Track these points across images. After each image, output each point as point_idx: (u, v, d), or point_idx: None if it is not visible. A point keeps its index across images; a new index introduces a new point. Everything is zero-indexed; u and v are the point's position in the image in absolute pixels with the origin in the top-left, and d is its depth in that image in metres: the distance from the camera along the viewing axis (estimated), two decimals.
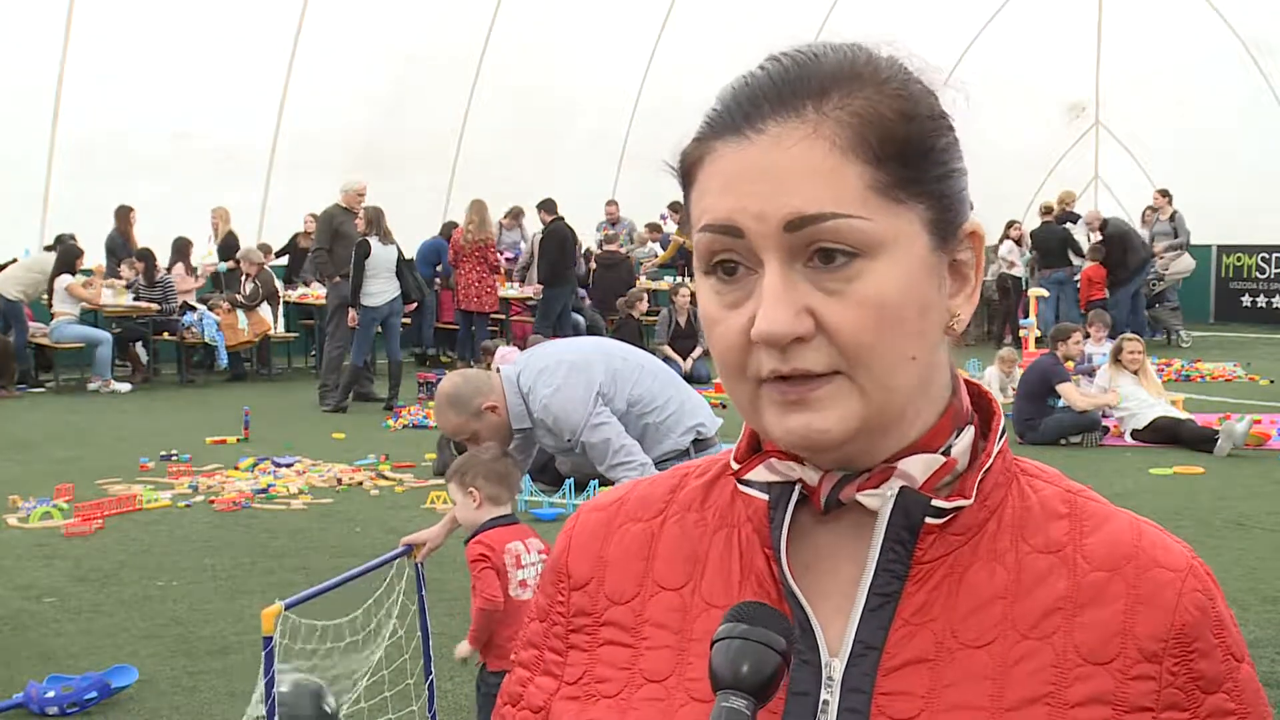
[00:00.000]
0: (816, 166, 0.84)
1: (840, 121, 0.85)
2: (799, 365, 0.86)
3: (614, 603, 0.99)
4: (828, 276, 0.85)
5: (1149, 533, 0.93)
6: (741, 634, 0.85)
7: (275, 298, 14.96)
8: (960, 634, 0.89)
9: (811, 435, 0.87)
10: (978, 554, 0.91)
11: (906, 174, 0.86)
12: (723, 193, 0.87)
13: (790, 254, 0.85)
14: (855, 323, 0.85)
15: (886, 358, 0.86)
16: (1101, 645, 0.88)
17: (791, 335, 0.85)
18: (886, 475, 0.91)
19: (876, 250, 0.85)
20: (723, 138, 0.87)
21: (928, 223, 0.88)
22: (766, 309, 0.85)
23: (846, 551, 0.93)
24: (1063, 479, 0.98)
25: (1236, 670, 0.91)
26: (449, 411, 4.27)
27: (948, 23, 19.27)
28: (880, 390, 0.87)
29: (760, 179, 0.85)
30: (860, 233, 0.84)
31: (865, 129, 0.85)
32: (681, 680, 0.93)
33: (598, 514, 1.05)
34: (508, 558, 3.75)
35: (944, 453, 0.92)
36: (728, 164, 0.87)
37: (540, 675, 1.01)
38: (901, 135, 0.86)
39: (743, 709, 0.83)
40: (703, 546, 0.98)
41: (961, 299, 0.92)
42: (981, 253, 0.93)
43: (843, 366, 0.86)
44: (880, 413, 0.88)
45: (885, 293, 0.85)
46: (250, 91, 15.67)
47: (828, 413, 0.87)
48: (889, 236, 0.85)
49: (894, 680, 0.88)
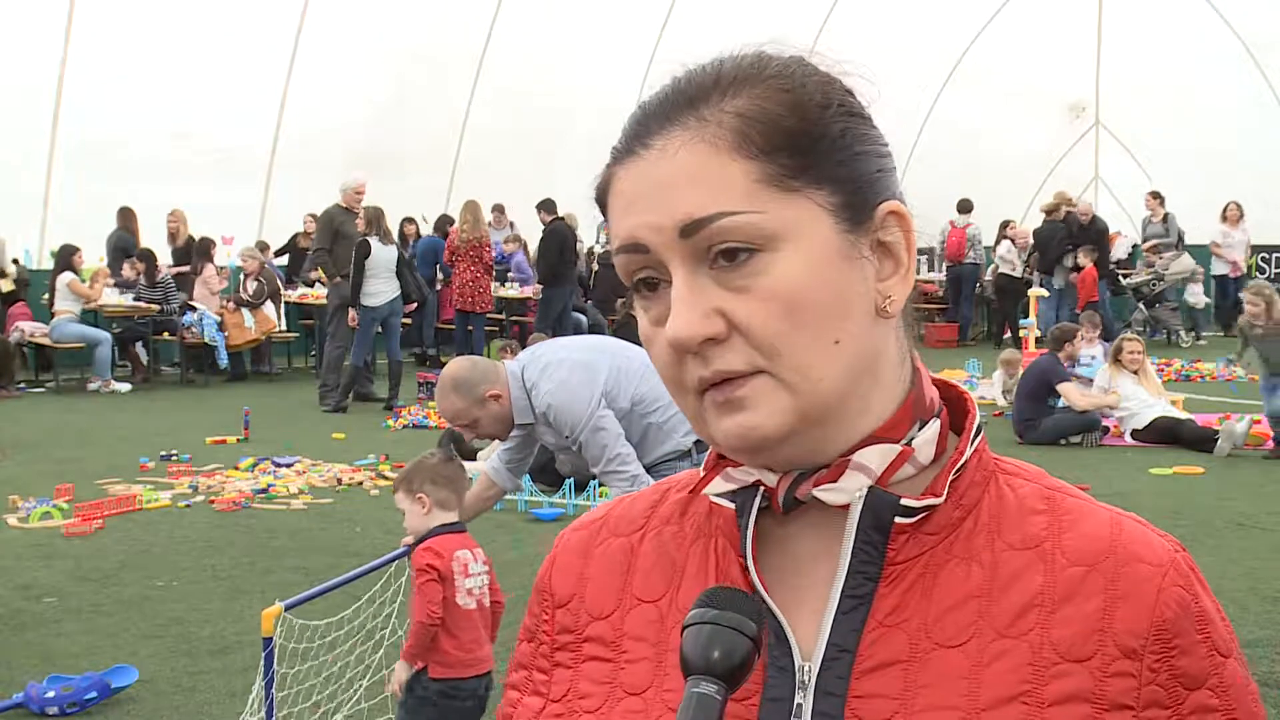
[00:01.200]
0: (700, 169, 0.85)
1: (721, 123, 0.86)
2: (719, 367, 0.86)
3: (595, 618, 0.99)
4: (732, 275, 0.85)
5: (1130, 527, 0.92)
6: (712, 619, 0.85)
7: (279, 296, 14.97)
8: (934, 634, 0.88)
9: (746, 434, 0.87)
10: (952, 553, 0.91)
11: (798, 162, 0.86)
12: (624, 213, 0.89)
13: (693, 259, 0.86)
14: (764, 316, 0.85)
15: (804, 346, 0.86)
16: (1079, 642, 0.87)
17: (700, 337, 0.85)
18: (843, 468, 0.90)
19: (775, 242, 0.85)
20: (621, 161, 0.90)
21: (832, 207, 0.87)
22: (674, 315, 0.86)
23: (820, 551, 0.93)
24: (1044, 476, 0.97)
25: (1221, 666, 0.89)
26: (452, 395, 4.26)
27: (948, 23, 19.27)
28: (804, 380, 0.86)
29: (651, 192, 0.87)
30: (753, 227, 0.85)
31: (748, 126, 0.86)
32: (659, 692, 0.93)
33: (580, 533, 1.05)
34: (455, 565, 3.71)
35: (904, 444, 0.91)
36: (625, 184, 0.89)
37: (529, 695, 1.01)
38: (788, 127, 0.86)
39: (713, 694, 0.82)
40: (680, 558, 0.98)
41: (895, 280, 0.91)
42: (910, 232, 0.91)
43: (762, 363, 0.86)
44: (812, 402, 0.87)
45: (790, 282, 0.85)
46: (250, 92, 15.67)
47: (757, 410, 0.86)
48: (785, 227, 0.85)
49: (868, 682, 0.88)
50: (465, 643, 3.70)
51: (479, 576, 3.76)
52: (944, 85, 19.77)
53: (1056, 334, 11.02)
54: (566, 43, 17.51)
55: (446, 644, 3.69)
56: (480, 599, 3.75)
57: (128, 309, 14.10)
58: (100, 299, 13.85)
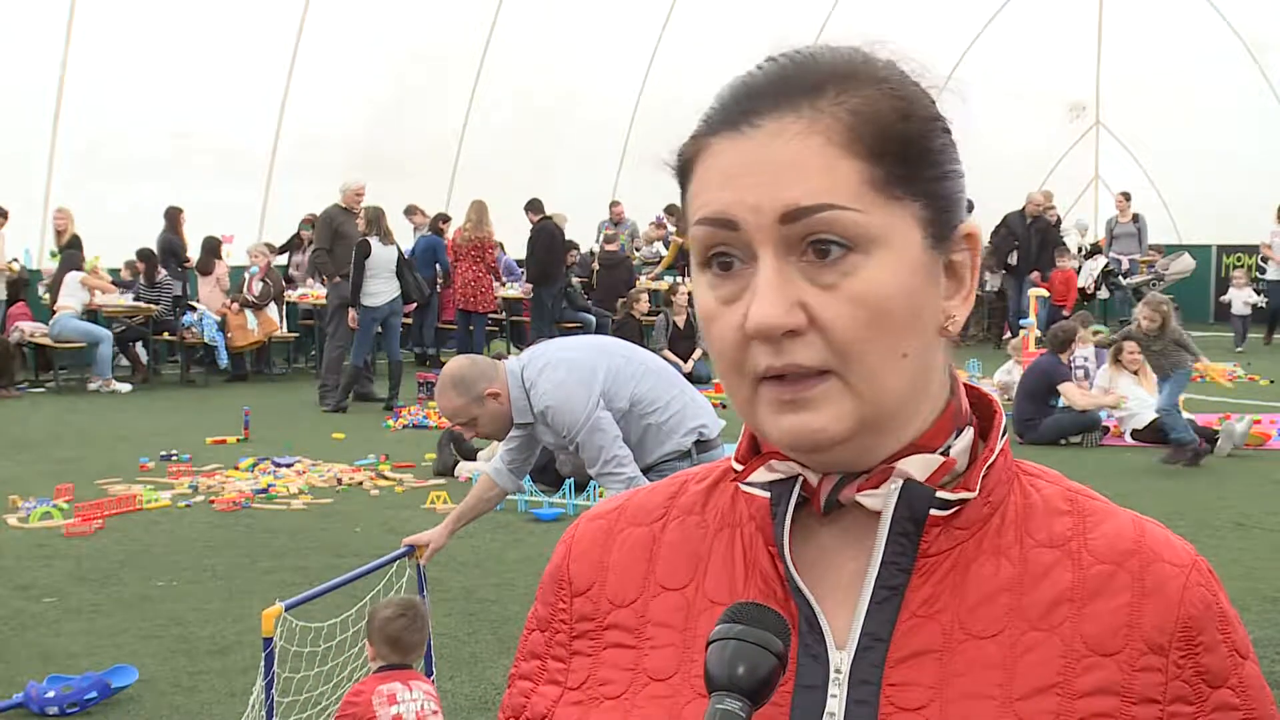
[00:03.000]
0: (812, 160, 0.85)
1: (836, 117, 0.86)
2: (792, 360, 0.86)
3: (616, 606, 0.99)
4: (822, 270, 0.85)
5: (1151, 529, 0.94)
6: (737, 635, 0.84)
7: (282, 297, 14.98)
8: (968, 625, 0.90)
9: (806, 435, 0.87)
10: (982, 548, 0.92)
11: (902, 171, 0.86)
12: (719, 187, 0.87)
13: (785, 247, 0.85)
14: (848, 318, 0.85)
15: (878, 355, 0.86)
16: (1108, 636, 0.89)
17: (784, 327, 0.85)
18: (885, 475, 0.91)
19: (870, 245, 0.85)
20: (719, 134, 0.88)
21: (923, 222, 0.88)
22: (760, 301, 0.85)
23: (850, 548, 0.93)
24: (1063, 479, 0.98)
25: (1241, 666, 0.92)
26: (451, 392, 4.26)
27: (948, 23, 19.27)
28: (872, 388, 0.87)
29: (756, 172, 0.86)
30: (855, 225, 0.85)
31: (861, 125, 0.86)
32: (687, 678, 0.93)
33: (598, 521, 1.05)
34: (376, 699, 3.70)
35: (943, 453, 0.92)
36: (724, 159, 0.87)
37: (544, 684, 1.01)
38: (898, 133, 0.87)
39: (737, 711, 0.82)
40: (704, 547, 0.98)
41: (957, 300, 0.92)
42: (978, 255, 0.93)
43: (834, 364, 0.86)
44: (874, 411, 0.88)
45: (878, 289, 0.85)
46: (251, 92, 15.67)
47: (821, 412, 0.87)
48: (883, 232, 0.85)
49: (902, 671, 0.89)
50: None
51: (411, 703, 3.71)
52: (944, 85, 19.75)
53: (1058, 335, 11.01)
54: (566, 43, 17.51)
55: None
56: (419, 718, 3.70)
57: (128, 309, 14.11)
58: (113, 290, 13.89)
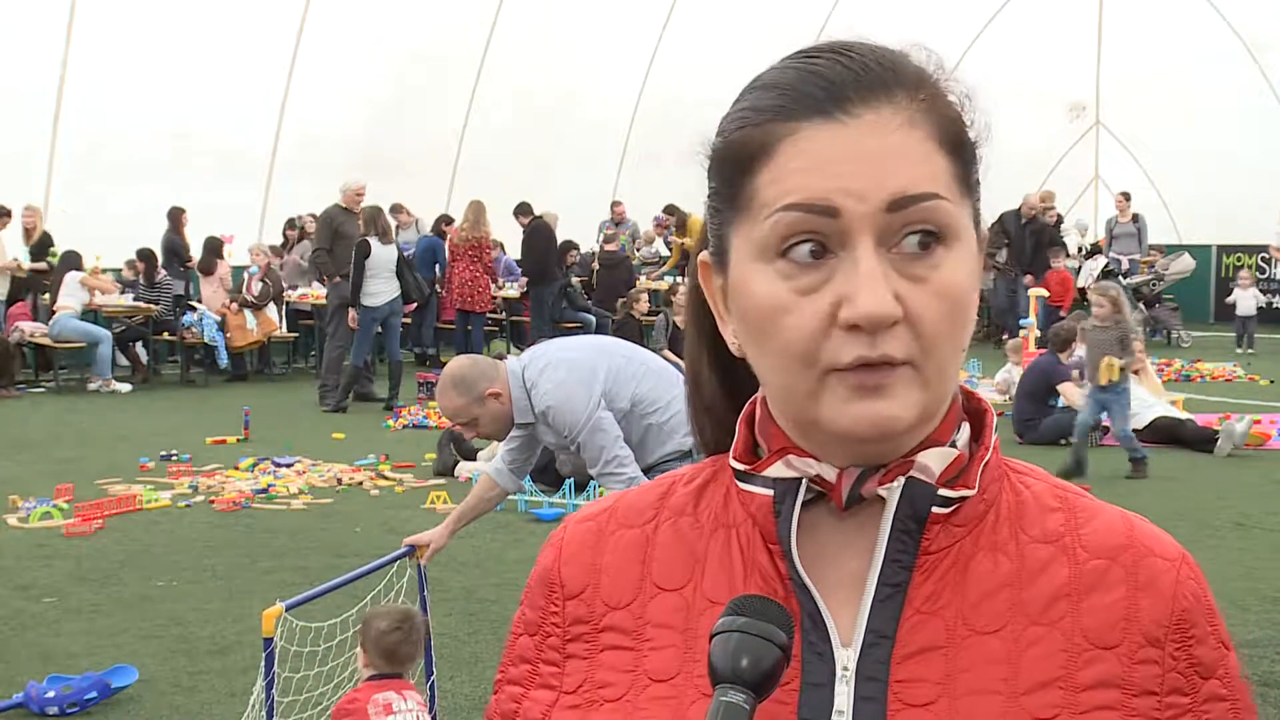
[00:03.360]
0: (916, 150, 0.87)
1: (928, 112, 0.88)
2: (887, 351, 0.85)
3: (612, 608, 0.99)
4: (913, 263, 0.86)
5: (1140, 524, 0.96)
6: (741, 627, 0.85)
7: (281, 297, 14.98)
8: (971, 621, 0.90)
9: (882, 423, 0.87)
10: (979, 544, 0.93)
11: (969, 172, 0.91)
12: (813, 173, 0.86)
13: (883, 236, 0.86)
14: (935, 312, 0.86)
15: (950, 348, 0.88)
16: (1107, 630, 0.90)
17: (892, 317, 0.85)
18: (906, 468, 0.92)
19: (954, 239, 0.88)
20: (809, 120, 0.87)
21: (975, 220, 0.92)
22: (870, 290, 0.84)
23: (850, 545, 0.94)
24: (1049, 476, 1.00)
25: (1227, 658, 0.94)
26: (452, 392, 4.26)
27: (948, 23, 19.27)
28: (939, 380, 0.89)
29: (858, 159, 0.85)
30: (951, 216, 0.87)
31: (948, 124, 0.89)
32: (690, 677, 0.93)
33: (587, 524, 1.04)
34: (372, 707, 3.69)
35: (951, 445, 0.94)
36: (818, 145, 0.86)
37: (536, 689, 1.01)
38: (969, 138, 0.91)
39: (741, 703, 0.82)
40: (700, 547, 0.98)
41: None
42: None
43: (916, 356, 0.86)
44: (935, 403, 0.90)
45: (959, 282, 0.88)
46: (251, 93, 15.67)
47: (899, 400, 0.87)
48: (962, 226, 0.89)
49: (908, 668, 0.89)
50: None
51: (406, 714, 3.70)
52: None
53: (1058, 335, 11.00)
54: (566, 43, 17.51)
55: None
56: None
57: (128, 309, 14.11)
58: (114, 290, 13.89)
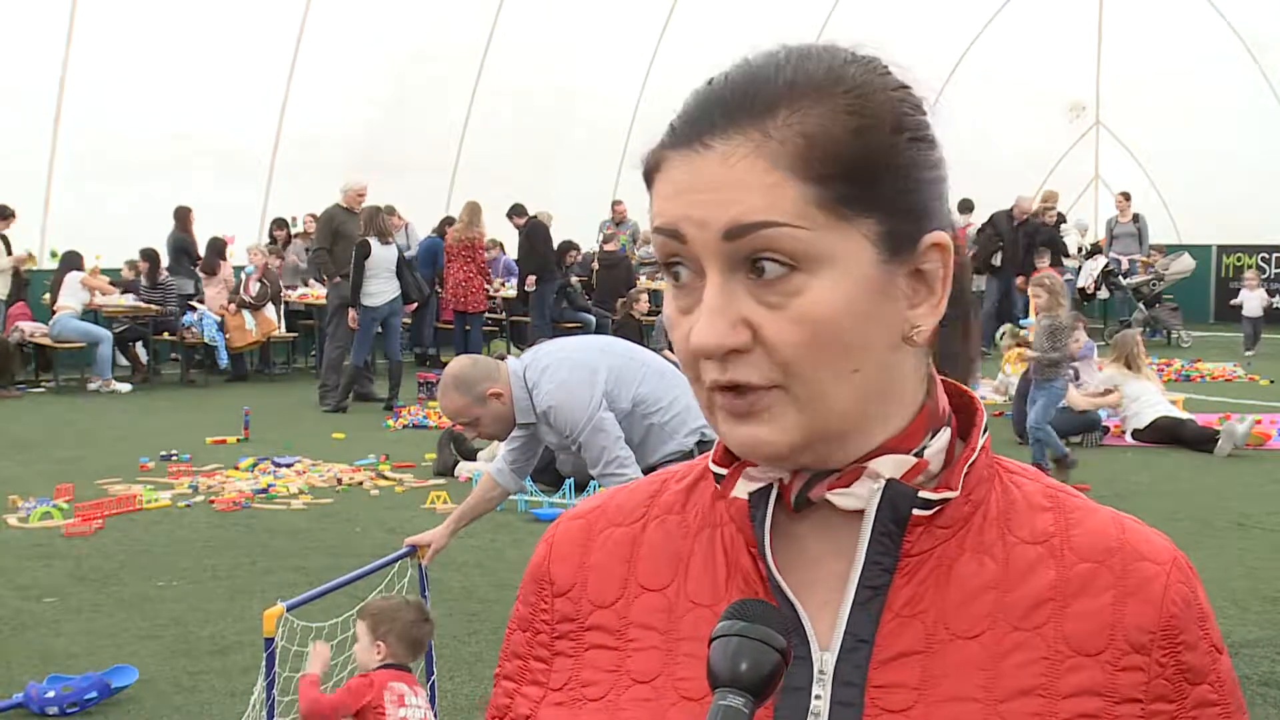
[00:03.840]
0: (757, 181, 0.85)
1: (784, 141, 0.85)
2: (737, 377, 0.87)
3: (597, 606, 0.99)
4: (766, 289, 0.86)
5: (1131, 526, 0.95)
6: (740, 631, 0.85)
7: (280, 297, 14.98)
8: (951, 625, 0.90)
9: (756, 446, 0.88)
10: (964, 546, 0.92)
11: (853, 191, 0.86)
12: (671, 199, 0.89)
13: (730, 264, 0.86)
14: (791, 337, 0.85)
15: (823, 373, 0.86)
16: (1091, 637, 0.89)
17: (724, 349, 0.86)
18: (857, 474, 0.91)
19: (815, 265, 0.85)
20: (676, 148, 0.89)
21: (877, 237, 0.87)
22: (702, 322, 0.86)
23: (830, 548, 0.93)
24: (1042, 476, 0.99)
25: (1218, 662, 0.93)
26: (454, 392, 4.27)
27: (948, 23, 19.27)
28: (817, 403, 0.87)
29: (702, 189, 0.87)
30: (798, 243, 0.85)
31: (809, 149, 0.85)
32: (670, 680, 0.93)
33: (578, 521, 1.05)
34: (388, 694, 3.70)
35: (916, 454, 0.92)
36: (676, 173, 0.89)
37: (527, 685, 1.01)
38: (850, 153, 0.86)
39: (740, 707, 0.82)
40: (685, 547, 0.98)
41: (925, 309, 0.91)
42: (949, 265, 0.91)
43: (780, 380, 0.86)
44: (821, 424, 0.88)
45: (823, 309, 0.85)
46: (252, 93, 15.66)
47: (770, 425, 0.87)
48: (829, 251, 0.85)
49: (886, 672, 0.89)
50: None
51: (417, 709, 3.72)
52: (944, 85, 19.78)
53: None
54: (566, 43, 17.50)
55: None
56: None
57: (128, 309, 14.11)
58: (115, 290, 13.90)
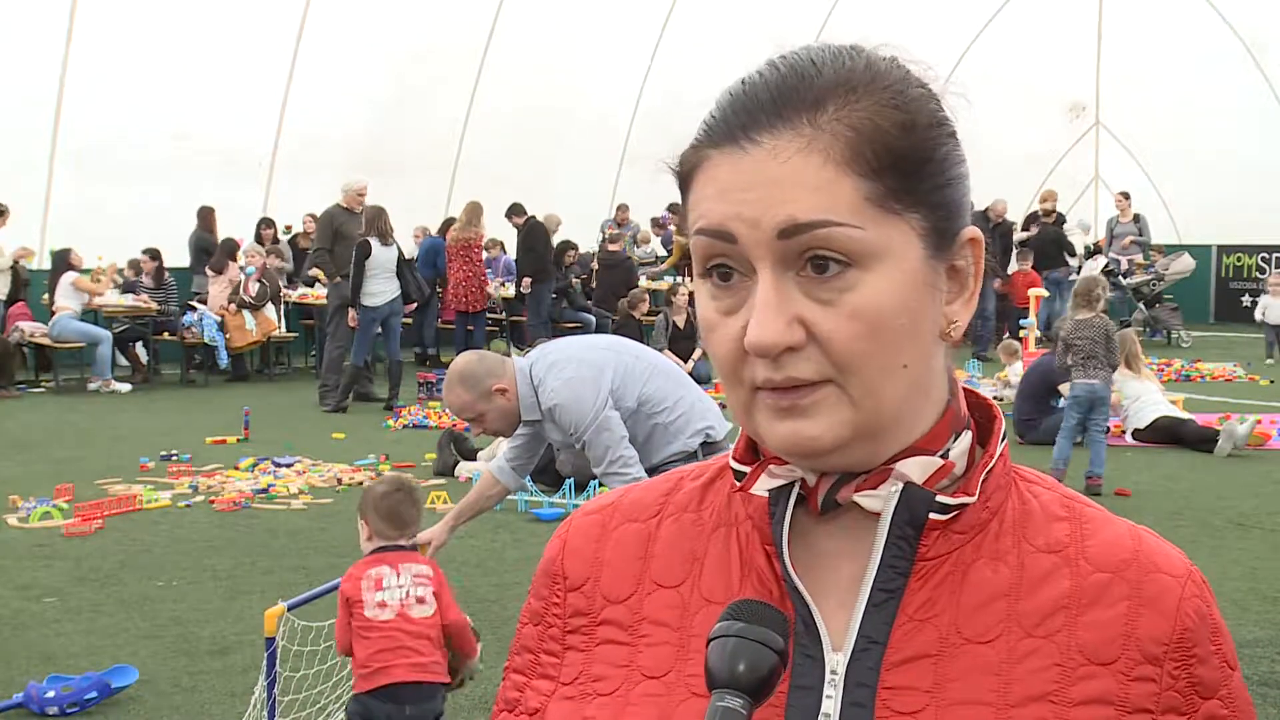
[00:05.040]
0: (811, 178, 0.85)
1: (835, 135, 0.85)
2: (791, 374, 0.86)
3: (611, 602, 0.99)
4: (820, 286, 0.85)
5: (1147, 539, 0.95)
6: (738, 632, 0.84)
7: (279, 297, 14.98)
8: (964, 630, 0.90)
9: (802, 442, 0.88)
10: (980, 552, 0.92)
11: (902, 185, 0.86)
12: (717, 199, 0.87)
13: (783, 262, 0.86)
14: (847, 333, 0.85)
15: (877, 367, 0.87)
16: (1104, 646, 0.89)
17: (782, 346, 0.85)
18: (884, 477, 0.91)
19: (869, 260, 0.85)
20: (719, 146, 0.88)
21: (923, 231, 0.88)
22: (758, 318, 0.85)
23: (847, 550, 0.94)
24: (1059, 485, 0.99)
25: (1230, 678, 0.93)
26: (459, 388, 4.27)
27: (948, 23, 19.27)
28: (871, 399, 0.87)
29: (755, 188, 0.86)
30: (853, 241, 0.85)
31: (861, 143, 0.85)
32: (681, 676, 0.93)
33: (592, 516, 1.05)
34: (365, 582, 3.72)
35: (942, 456, 0.93)
36: (723, 172, 0.87)
37: (537, 679, 1.01)
38: (898, 147, 0.86)
39: (738, 708, 0.82)
40: (700, 545, 0.98)
41: (959, 305, 0.92)
42: (981, 259, 0.93)
43: (834, 375, 0.86)
44: (872, 420, 0.88)
45: (877, 303, 0.86)
46: (251, 93, 15.66)
47: (818, 420, 0.87)
48: (882, 247, 0.86)
49: (898, 675, 0.89)
50: (371, 654, 3.67)
51: (395, 589, 3.71)
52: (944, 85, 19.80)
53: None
54: (566, 43, 17.50)
55: (358, 654, 3.70)
56: (403, 609, 3.69)
57: (128, 309, 14.11)
58: (105, 293, 13.89)
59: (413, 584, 3.74)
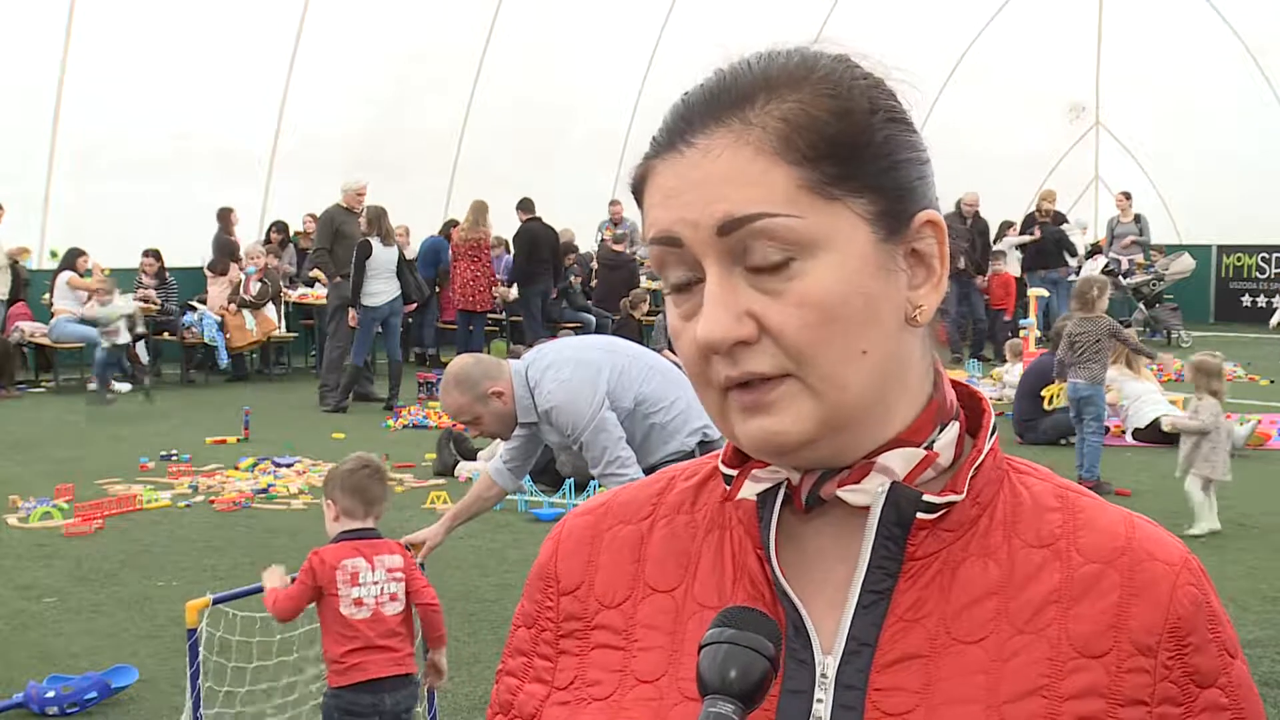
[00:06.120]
0: (742, 171, 0.85)
1: (766, 127, 0.86)
2: (747, 368, 0.86)
3: (605, 606, 0.99)
4: (766, 278, 0.86)
5: (1142, 527, 0.93)
6: (729, 639, 0.84)
7: (280, 297, 14.98)
8: (954, 630, 0.89)
9: (770, 438, 0.88)
10: (970, 550, 0.91)
11: (841, 171, 0.86)
12: (661, 206, 0.89)
13: (728, 258, 0.86)
14: (797, 322, 0.85)
15: (835, 355, 0.86)
16: (1096, 638, 0.88)
17: (731, 339, 0.86)
18: (867, 470, 0.91)
19: (813, 248, 0.85)
20: (661, 155, 0.89)
21: (871, 216, 0.87)
22: (705, 314, 0.86)
23: (837, 550, 0.93)
24: (1054, 476, 0.98)
25: (1230, 666, 0.91)
26: (454, 390, 4.28)
27: (948, 23, 19.26)
28: (832, 388, 0.87)
29: (690, 189, 0.87)
30: (793, 231, 0.85)
31: (791, 132, 0.86)
32: (674, 680, 0.93)
33: (585, 518, 1.04)
34: (340, 574, 3.67)
35: (925, 447, 0.92)
36: (663, 179, 0.89)
37: (530, 682, 1.01)
38: (832, 134, 0.86)
39: (730, 714, 0.82)
40: (694, 548, 0.98)
41: (926, 289, 0.91)
42: (944, 242, 0.92)
43: (791, 368, 0.86)
44: (838, 410, 0.88)
45: (824, 290, 0.85)
46: (251, 92, 15.66)
47: (783, 415, 0.87)
48: (824, 234, 0.86)
49: (888, 676, 0.89)
50: (348, 652, 3.65)
51: (373, 585, 3.69)
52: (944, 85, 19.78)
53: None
54: (566, 43, 17.50)
55: (331, 653, 3.68)
56: (378, 608, 3.68)
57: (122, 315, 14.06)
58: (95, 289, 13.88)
59: (387, 580, 3.73)
